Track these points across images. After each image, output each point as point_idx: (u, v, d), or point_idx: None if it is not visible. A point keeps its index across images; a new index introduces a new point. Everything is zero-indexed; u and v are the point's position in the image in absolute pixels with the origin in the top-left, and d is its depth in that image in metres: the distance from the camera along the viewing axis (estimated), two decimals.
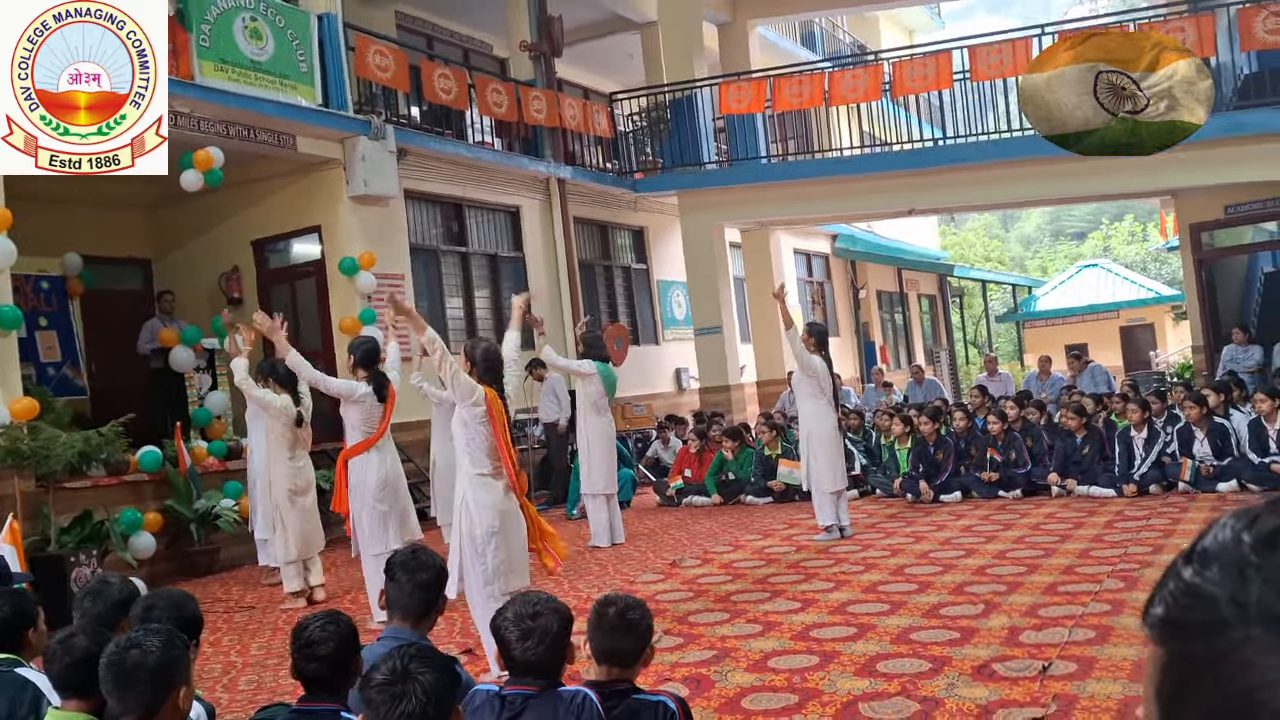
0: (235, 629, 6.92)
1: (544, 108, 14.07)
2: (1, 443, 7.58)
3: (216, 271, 12.36)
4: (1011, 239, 55.53)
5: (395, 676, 2.17)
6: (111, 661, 2.51)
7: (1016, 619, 5.41)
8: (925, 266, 26.28)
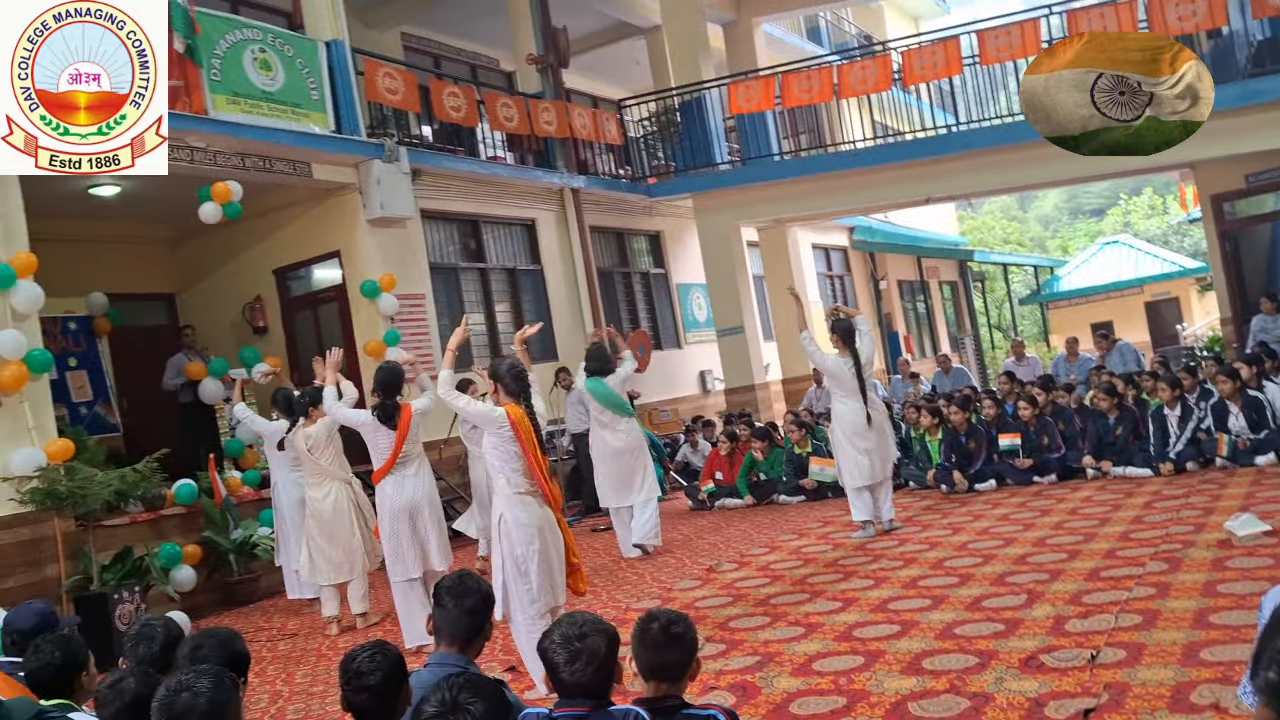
0: (279, 657, 6.95)
1: (554, 119, 14.10)
2: (40, 485, 7.66)
3: (240, 302, 12.45)
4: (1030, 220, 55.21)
5: (446, 708, 2.17)
6: (163, 705, 2.52)
7: (1061, 607, 5.37)
8: (945, 253, 26.15)
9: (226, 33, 9.96)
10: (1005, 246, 40.27)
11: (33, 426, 8.07)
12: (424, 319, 12.01)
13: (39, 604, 4.80)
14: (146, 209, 11.45)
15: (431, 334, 12.10)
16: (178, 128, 9.36)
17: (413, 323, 11.77)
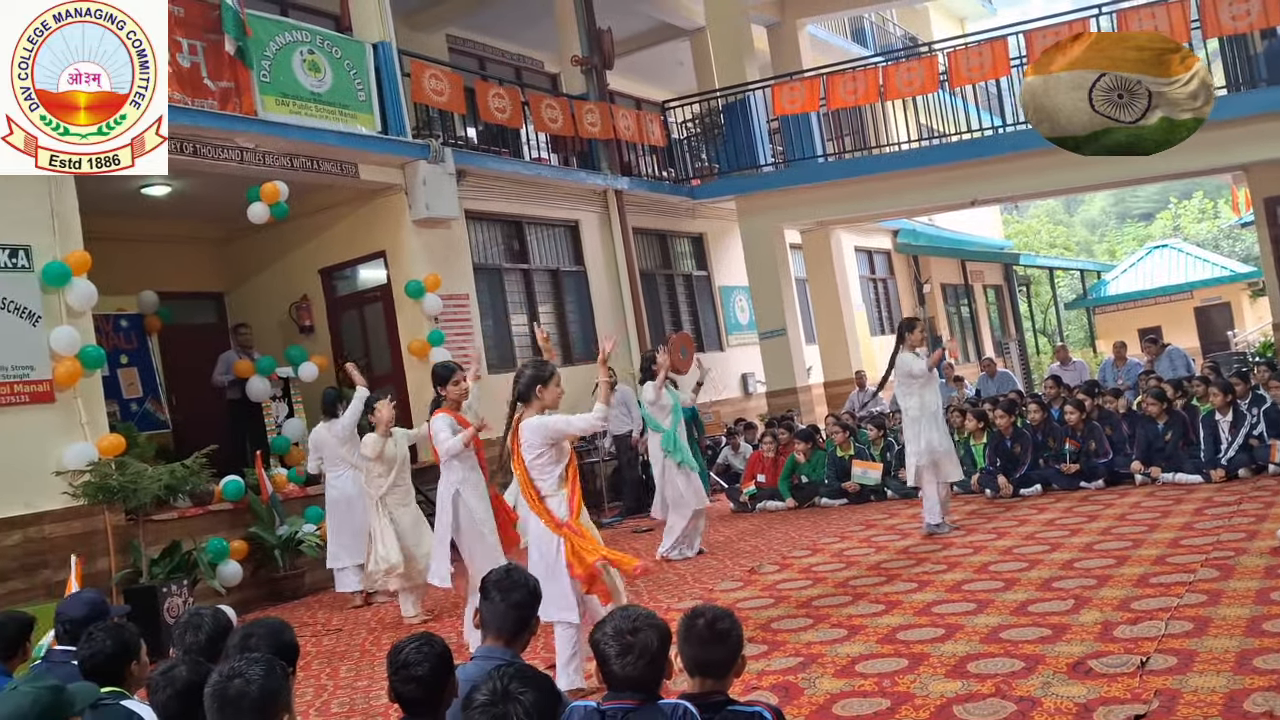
0: (324, 652, 7.02)
1: (598, 120, 14.14)
2: (92, 479, 7.79)
3: (287, 301, 12.60)
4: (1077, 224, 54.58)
5: (496, 697, 2.18)
6: (215, 691, 2.56)
7: (1109, 613, 5.30)
8: (989, 257, 25.90)
9: (276, 35, 10.09)
10: (1051, 250, 39.80)
11: (85, 422, 8.22)
12: (468, 319, 12.09)
13: (90, 593, 4.88)
14: (196, 209, 11.62)
15: (475, 334, 12.17)
16: (228, 128, 9.53)
17: (456, 323, 11.84)
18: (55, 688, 2.85)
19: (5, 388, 7.80)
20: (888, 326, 21.52)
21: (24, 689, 2.82)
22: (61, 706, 2.83)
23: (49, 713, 2.79)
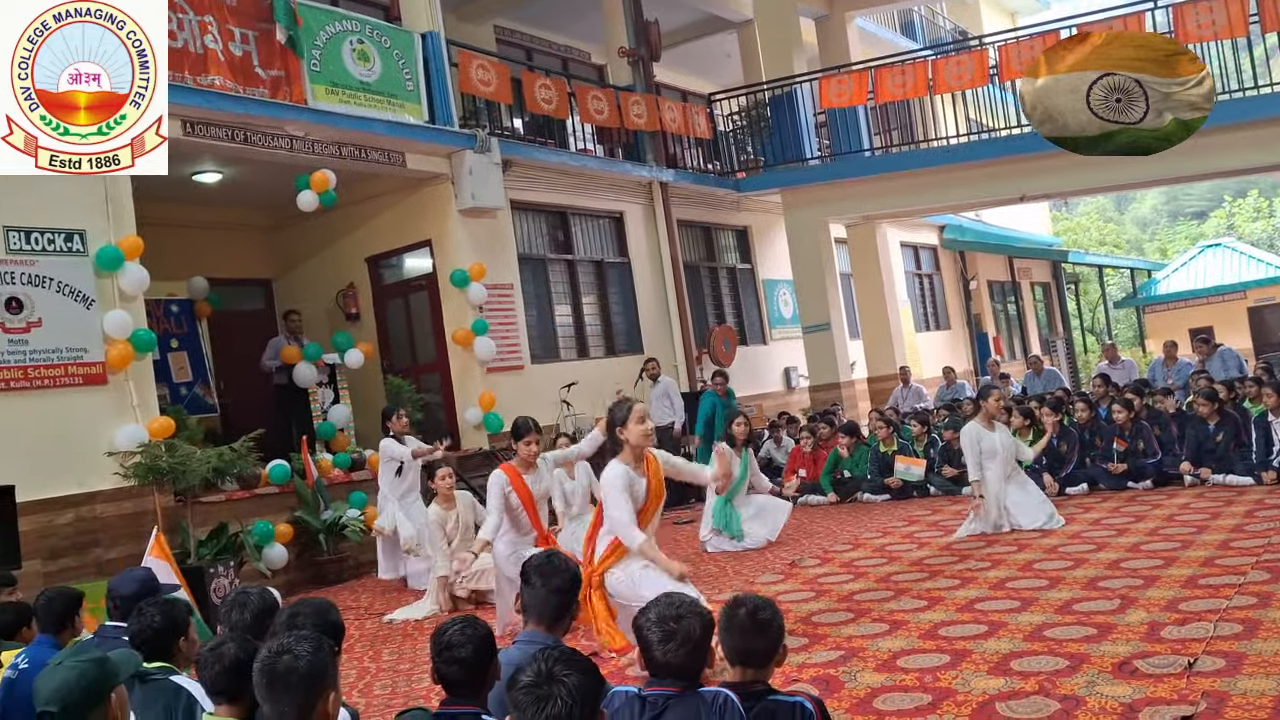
0: (367, 636, 7.09)
1: (644, 112, 14.14)
2: (142, 460, 7.92)
3: (333, 289, 12.73)
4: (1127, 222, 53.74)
5: (540, 679, 2.19)
6: (265, 667, 2.59)
7: (1156, 614, 5.22)
8: (1038, 254, 25.60)
9: (326, 24, 10.18)
10: (1101, 248, 39.22)
11: (136, 404, 8.37)
12: (512, 309, 12.14)
13: (140, 570, 4.97)
14: (246, 196, 11.76)
15: (518, 324, 12.23)
16: (278, 116, 9.63)
17: (500, 312, 11.90)
18: (98, 660, 2.90)
19: (59, 369, 7.95)
20: (933, 323, 21.37)
21: (69, 663, 2.87)
22: (105, 678, 2.88)
23: (94, 686, 2.84)
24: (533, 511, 6.63)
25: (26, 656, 4.22)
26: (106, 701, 2.86)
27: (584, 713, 2.18)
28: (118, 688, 2.92)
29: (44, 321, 7.88)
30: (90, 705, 2.82)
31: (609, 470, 5.18)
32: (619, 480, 5.11)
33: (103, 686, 2.86)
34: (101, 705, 2.85)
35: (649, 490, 5.19)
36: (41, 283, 7.91)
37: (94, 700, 2.83)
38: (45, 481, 7.70)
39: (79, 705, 2.80)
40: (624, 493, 5.08)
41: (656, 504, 5.25)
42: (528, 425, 6.89)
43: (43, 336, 7.87)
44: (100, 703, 2.85)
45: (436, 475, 7.75)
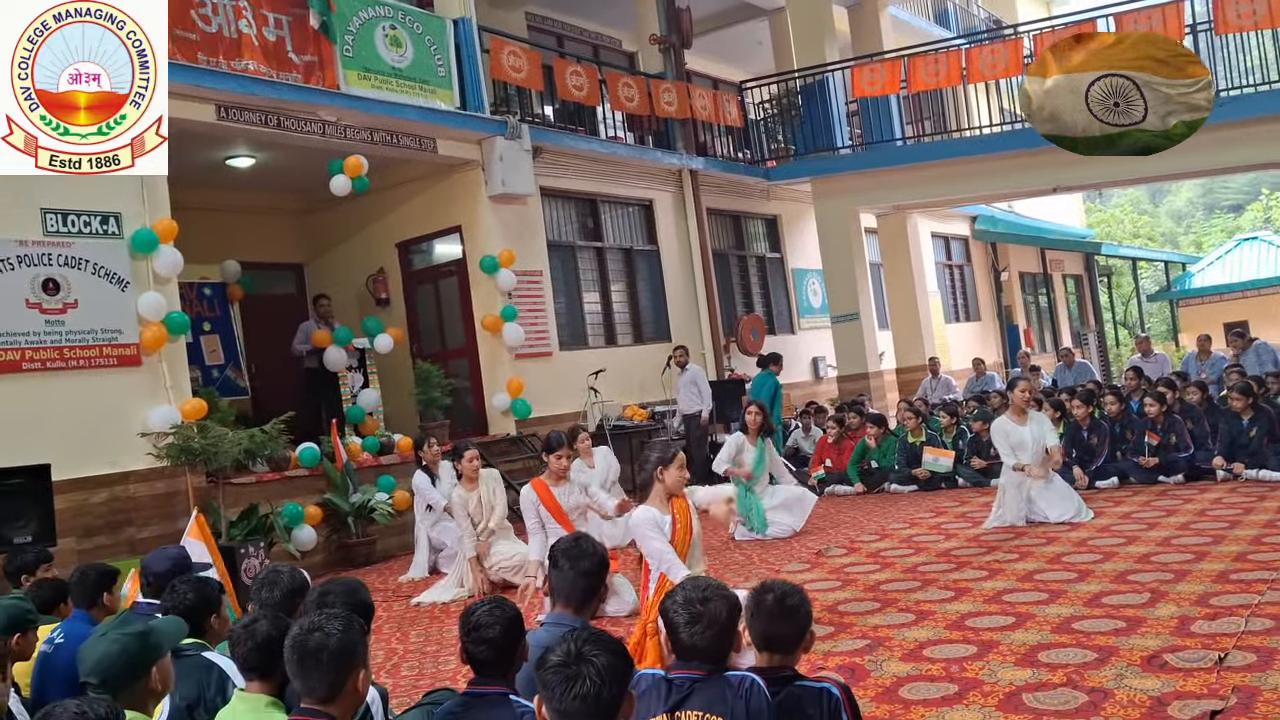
0: (395, 618, 7.15)
1: (675, 99, 14.11)
2: (175, 441, 8.01)
3: (364, 274, 12.80)
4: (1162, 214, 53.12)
5: (570, 659, 2.21)
6: (296, 643, 2.62)
7: (1187, 608, 5.18)
8: (1070, 245, 25.34)
9: (360, 9, 10.22)
10: (1134, 241, 38.85)
11: (169, 386, 8.47)
12: (540, 296, 12.17)
13: (173, 549, 5.04)
14: (278, 180, 11.84)
15: (547, 311, 12.26)
16: (311, 101, 9.68)
17: (529, 299, 11.93)
18: (141, 634, 2.94)
19: (95, 350, 8.05)
20: (963, 314, 21.24)
21: (111, 635, 2.92)
22: (147, 651, 2.93)
23: (135, 659, 2.89)
24: (565, 523, 6.69)
25: (62, 631, 4.29)
26: (147, 674, 2.91)
27: (612, 693, 2.19)
28: (161, 660, 2.97)
29: (80, 303, 7.98)
30: (131, 678, 2.88)
31: (636, 515, 5.16)
32: (647, 521, 5.10)
33: (144, 659, 2.91)
34: (142, 678, 2.90)
35: (675, 527, 5.20)
36: (78, 264, 8.00)
37: (135, 673, 2.89)
38: (80, 461, 7.81)
39: (119, 678, 2.86)
40: (655, 528, 5.08)
41: (686, 540, 5.23)
42: (560, 439, 7.04)
43: (78, 318, 7.97)
44: (141, 676, 2.90)
45: (464, 457, 7.77)
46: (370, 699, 3.00)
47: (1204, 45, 13.46)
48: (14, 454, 7.19)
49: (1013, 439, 8.25)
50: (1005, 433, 8.30)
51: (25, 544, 6.53)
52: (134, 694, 2.89)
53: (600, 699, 2.17)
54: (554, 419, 11.43)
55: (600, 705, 2.18)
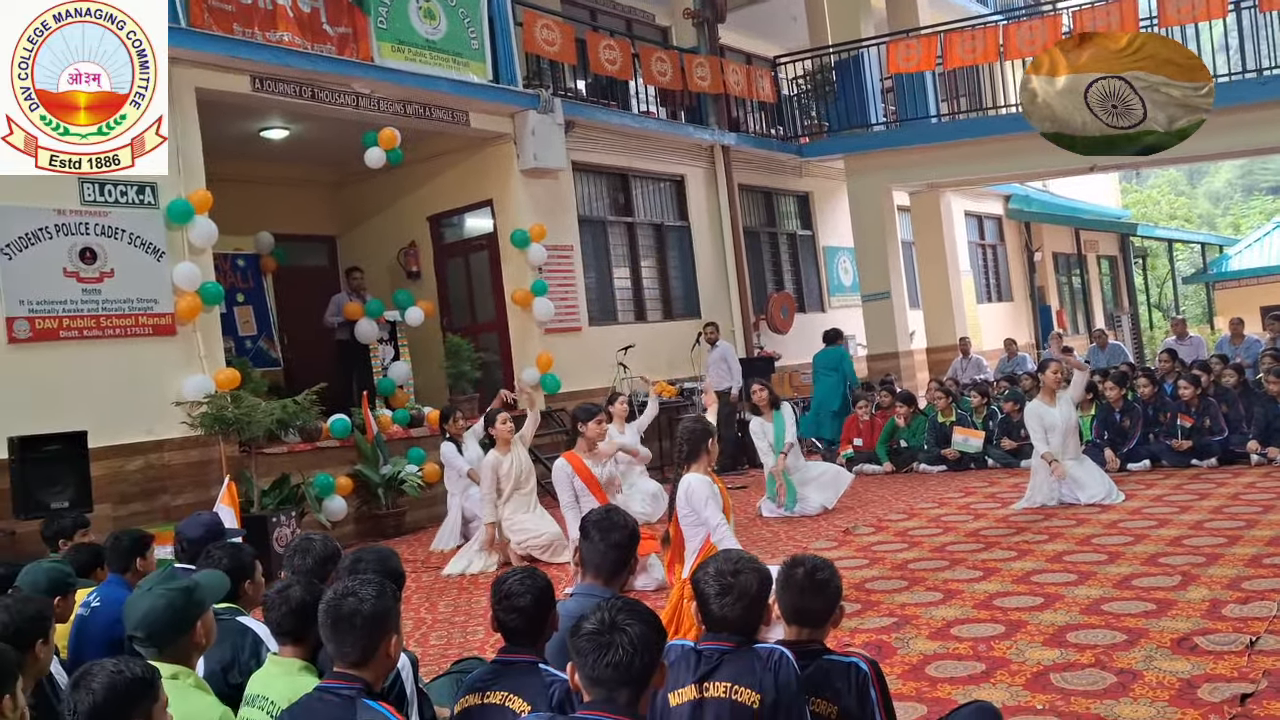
0: (423, 588, 7.21)
1: (708, 74, 14.02)
2: (209, 410, 8.09)
3: (395, 246, 12.84)
4: (1199, 195, 52.40)
5: (603, 627, 2.23)
6: (330, 608, 2.66)
7: (1218, 591, 5.15)
8: (1105, 226, 25.03)
9: None
10: (1171, 222, 38.35)
11: (203, 355, 8.54)
12: (571, 270, 12.17)
13: (207, 515, 5.11)
14: (311, 152, 11.88)
15: (577, 286, 12.26)
16: (345, 73, 9.70)
17: (560, 274, 11.94)
18: (187, 589, 2.99)
19: (130, 319, 8.13)
20: (995, 294, 21.08)
21: (157, 590, 2.97)
22: (192, 606, 2.98)
23: (181, 613, 2.94)
24: (600, 496, 6.74)
25: (98, 595, 4.36)
26: (192, 629, 2.96)
27: (644, 661, 2.20)
28: (205, 614, 3.02)
29: (116, 272, 8.05)
30: (176, 631, 2.94)
31: (696, 482, 5.13)
32: (705, 489, 5.10)
33: (189, 614, 2.97)
34: (187, 632, 2.96)
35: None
36: (114, 234, 8.08)
37: (180, 627, 2.94)
38: (115, 428, 7.90)
39: (165, 631, 2.92)
40: (714, 499, 5.10)
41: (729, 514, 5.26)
42: (592, 410, 7.16)
43: (114, 287, 8.05)
44: (186, 630, 2.96)
45: (497, 420, 7.80)
46: (401, 665, 3.04)
47: (1246, 22, 13.25)
48: (52, 421, 7.30)
49: (1046, 421, 8.20)
50: (1039, 416, 8.24)
51: (62, 509, 6.63)
52: (179, 648, 2.94)
53: (632, 667, 2.19)
54: (583, 394, 11.44)
55: (632, 673, 2.20)
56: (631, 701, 2.23)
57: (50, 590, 3.93)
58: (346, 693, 2.60)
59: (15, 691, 2.67)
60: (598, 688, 2.24)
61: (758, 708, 2.58)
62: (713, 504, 5.05)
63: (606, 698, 2.23)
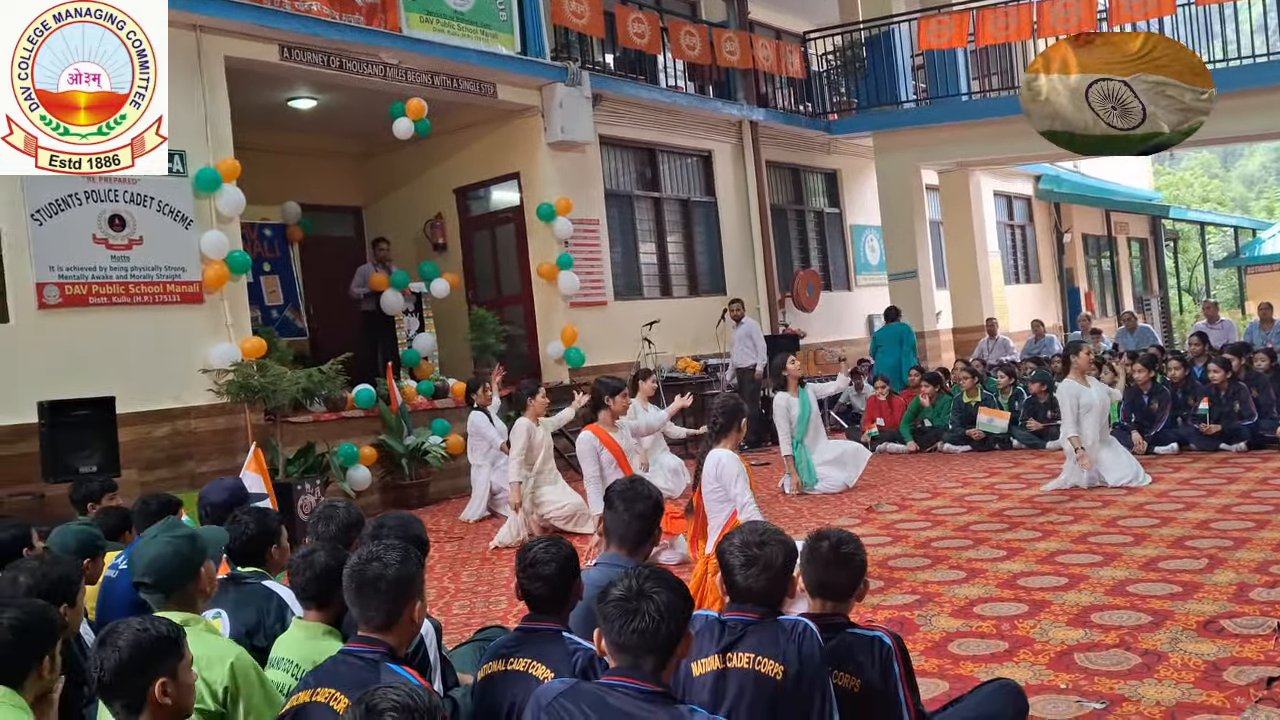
0: (446, 558, 7.25)
1: (736, 49, 13.92)
2: (235, 378, 8.15)
3: (422, 218, 12.85)
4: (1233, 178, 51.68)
5: (631, 594, 2.23)
6: (354, 572, 2.67)
7: (1245, 575, 5.10)
8: (1136, 208, 24.75)
9: None
10: (1204, 205, 37.88)
11: (230, 324, 8.59)
12: (596, 245, 12.15)
13: (230, 480, 5.15)
14: (338, 123, 11.89)
15: (603, 260, 12.24)
16: (372, 43, 9.69)
17: (585, 248, 11.92)
18: (191, 536, 3.13)
19: (158, 286, 8.19)
20: (1023, 275, 20.91)
21: (163, 538, 3.08)
22: (197, 553, 3.13)
23: (187, 560, 3.06)
24: (626, 468, 6.78)
25: (126, 557, 4.39)
26: (196, 576, 3.06)
27: (670, 629, 2.20)
28: (207, 562, 3.10)
29: (145, 239, 8.10)
30: (181, 577, 3.04)
31: (726, 458, 5.19)
32: (735, 465, 5.17)
33: (194, 560, 3.09)
34: (193, 579, 3.07)
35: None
36: (143, 201, 8.11)
37: (186, 573, 3.05)
38: (143, 395, 7.97)
39: (172, 577, 3.02)
40: (743, 476, 5.17)
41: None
42: (618, 384, 7.24)
43: (143, 254, 8.10)
44: (191, 576, 3.07)
45: (537, 395, 7.88)
46: (425, 631, 3.05)
47: None
48: (81, 386, 7.36)
49: (1083, 400, 8.08)
50: (1075, 395, 8.07)
51: (90, 474, 6.69)
52: (185, 594, 3.05)
53: (658, 634, 2.19)
54: (607, 368, 11.44)
55: (658, 641, 2.20)
56: (657, 669, 2.23)
57: (79, 552, 3.97)
58: (370, 656, 2.61)
59: (54, 653, 2.72)
60: (623, 654, 2.24)
61: (781, 679, 2.58)
62: (742, 480, 5.08)
63: (632, 664, 2.23)
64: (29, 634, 2.66)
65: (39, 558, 3.52)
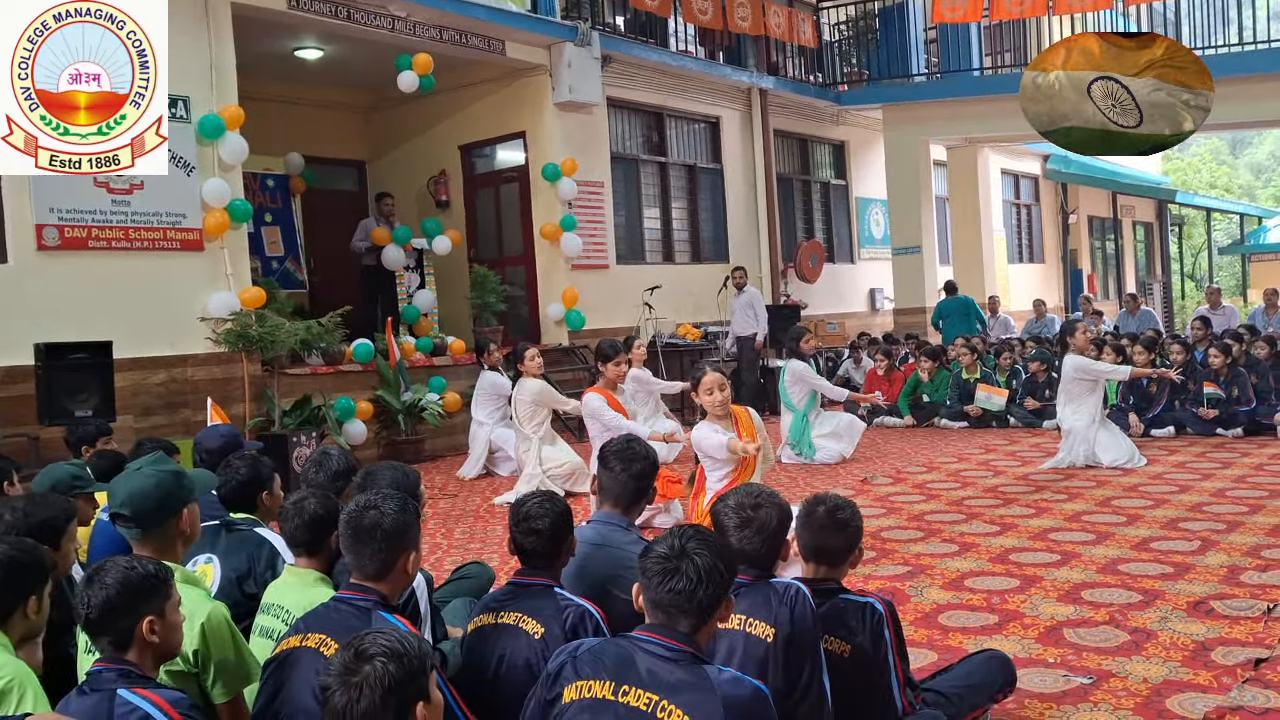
0: (439, 514, 7.25)
1: (749, 15, 13.78)
2: (233, 327, 8.13)
3: (425, 175, 12.77)
4: (1241, 166, 51.43)
5: (673, 552, 2.21)
6: (351, 519, 2.66)
7: (1237, 558, 5.10)
8: (1143, 191, 24.61)
9: None
10: (1210, 191, 37.71)
11: (230, 273, 8.55)
12: (601, 207, 12.09)
13: (225, 427, 5.14)
14: (345, 75, 11.79)
15: (607, 223, 12.18)
16: None
17: (589, 210, 11.86)
18: (177, 473, 3.01)
19: (158, 233, 8.14)
20: (1026, 255, 20.85)
21: (147, 470, 2.98)
22: (181, 491, 2.98)
23: (170, 495, 2.95)
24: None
25: None
26: (178, 515, 2.95)
27: (708, 594, 2.18)
28: (192, 504, 3.01)
29: (146, 184, 8.03)
30: (161, 513, 2.92)
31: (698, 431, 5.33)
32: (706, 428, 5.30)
33: (179, 497, 2.96)
34: (173, 518, 2.94)
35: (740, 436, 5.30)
36: None
37: (166, 510, 2.93)
38: (140, 341, 7.94)
39: (152, 512, 2.90)
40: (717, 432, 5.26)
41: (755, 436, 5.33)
42: (617, 346, 7.27)
43: (144, 199, 8.05)
44: (172, 515, 2.94)
45: (526, 356, 7.81)
46: (416, 583, 3.05)
47: None
48: (78, 330, 7.33)
49: (1092, 370, 8.07)
50: (1083, 368, 8.07)
51: (86, 417, 6.69)
52: (164, 534, 2.94)
53: (695, 596, 2.17)
54: (608, 331, 11.42)
55: (694, 603, 2.18)
56: (692, 631, 2.21)
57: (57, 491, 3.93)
58: (362, 604, 2.61)
59: (42, 593, 2.65)
60: (659, 611, 2.23)
61: (772, 641, 2.57)
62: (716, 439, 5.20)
63: (666, 623, 2.22)
64: (15, 572, 2.58)
65: (27, 496, 3.48)
